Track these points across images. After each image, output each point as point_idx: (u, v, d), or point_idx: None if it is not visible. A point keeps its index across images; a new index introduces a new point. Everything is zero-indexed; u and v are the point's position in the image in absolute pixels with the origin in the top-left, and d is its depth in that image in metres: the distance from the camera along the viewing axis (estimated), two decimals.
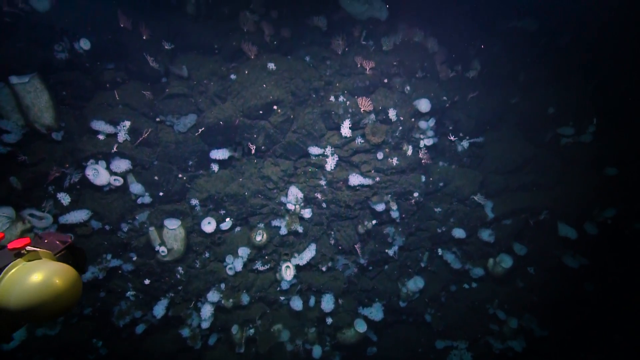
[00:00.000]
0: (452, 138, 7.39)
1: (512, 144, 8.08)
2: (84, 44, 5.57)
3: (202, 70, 6.58)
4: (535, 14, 8.81)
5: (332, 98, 6.38)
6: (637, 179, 7.64)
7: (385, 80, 6.68)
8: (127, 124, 5.67)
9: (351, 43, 7.14)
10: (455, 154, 7.49)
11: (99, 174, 5.41)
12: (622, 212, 7.52)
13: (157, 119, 6.08)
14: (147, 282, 6.34)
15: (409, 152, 6.41)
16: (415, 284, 7.57)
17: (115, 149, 5.65)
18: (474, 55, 8.96)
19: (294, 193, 6.29)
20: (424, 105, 6.24)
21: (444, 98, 6.86)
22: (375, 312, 7.28)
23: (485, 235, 7.32)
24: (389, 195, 6.45)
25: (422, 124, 6.36)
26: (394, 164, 6.33)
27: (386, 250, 7.27)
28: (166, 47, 6.47)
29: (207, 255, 6.70)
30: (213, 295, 6.47)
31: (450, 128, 7.32)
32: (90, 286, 5.92)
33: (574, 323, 8.05)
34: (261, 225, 6.71)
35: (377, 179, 6.33)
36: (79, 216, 5.45)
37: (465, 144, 7.39)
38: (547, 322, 7.98)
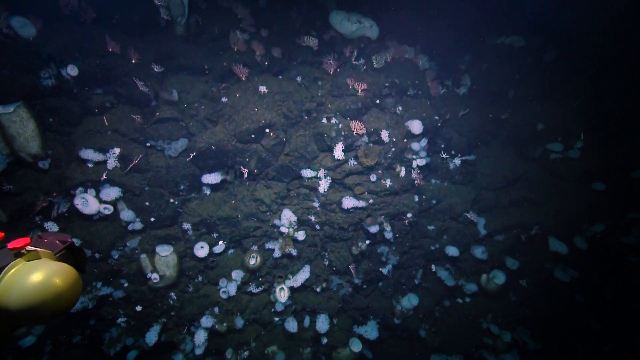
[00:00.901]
0: (444, 156, 7.45)
1: (503, 160, 8.17)
2: (72, 70, 5.47)
3: (192, 92, 6.52)
4: (521, 31, 8.98)
5: (324, 120, 6.37)
6: (623, 194, 7.80)
7: (378, 101, 6.70)
8: (117, 151, 5.57)
9: (343, 63, 7.15)
10: (448, 172, 7.54)
11: (88, 203, 5.30)
12: (610, 227, 7.66)
13: (148, 144, 6.00)
14: (138, 308, 6.22)
15: (402, 174, 6.43)
16: (409, 301, 7.59)
17: (104, 177, 5.54)
18: (464, 70, 9.07)
19: (288, 216, 6.26)
20: (416, 127, 6.27)
21: (436, 117, 6.91)
22: (370, 331, 7.26)
23: (479, 252, 7.38)
24: (383, 217, 6.45)
25: (415, 146, 6.39)
26: (387, 186, 6.34)
27: (380, 269, 7.28)
28: (156, 69, 6.39)
29: (200, 279, 6.61)
30: (207, 320, 6.38)
31: (442, 146, 7.38)
32: (79, 316, 5.78)
33: (566, 335, 8.16)
34: (254, 247, 6.65)
35: (371, 201, 6.33)
36: None
37: (457, 161, 7.45)
38: (540, 335, 8.07)
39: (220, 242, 6.57)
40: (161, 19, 6.66)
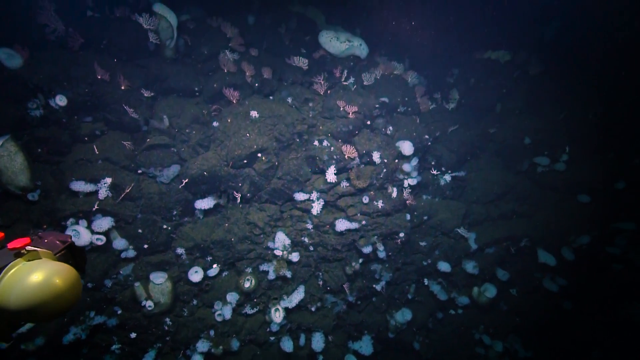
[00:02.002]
0: (434, 172, 7.57)
1: (491, 174, 8.33)
2: (60, 101, 5.41)
3: (183, 116, 6.50)
4: (507, 45, 9.16)
5: (316, 142, 6.42)
6: (607, 206, 8.04)
7: (368, 122, 6.77)
8: (108, 180, 5.53)
9: (333, 84, 7.21)
10: (438, 188, 7.66)
11: (79, 235, 5.26)
12: (595, 238, 7.88)
13: (139, 171, 5.96)
14: (133, 335, 6.18)
15: (394, 194, 6.52)
16: (403, 316, 7.68)
17: (96, 207, 5.50)
18: (452, 84, 9.22)
19: (281, 239, 6.29)
20: (407, 148, 6.37)
21: (426, 136, 7.02)
22: (365, 346, 7.34)
23: (470, 267, 7.52)
24: (376, 237, 6.53)
25: (406, 167, 6.49)
26: (379, 207, 6.42)
27: (374, 286, 7.36)
28: (146, 94, 6.35)
29: (194, 302, 6.60)
30: (202, 345, 6.37)
31: (433, 163, 7.50)
32: (73, 347, 5.72)
33: (555, 342, 8.36)
34: (249, 269, 6.66)
35: (364, 222, 6.40)
36: None
37: (447, 177, 7.58)
38: (531, 343, 8.26)
39: (215, 266, 6.57)
40: (150, 43, 6.63)
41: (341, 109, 6.59)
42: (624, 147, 8.10)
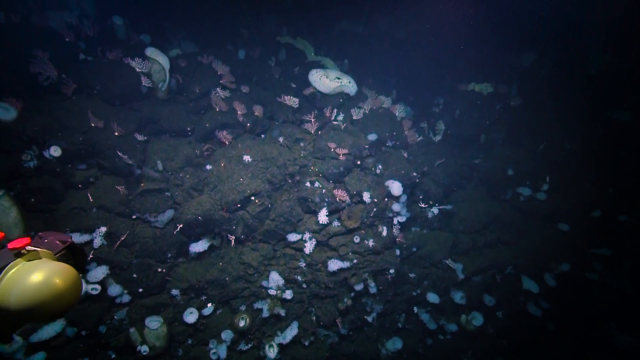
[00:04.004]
0: (422, 205, 7.83)
1: (477, 203, 8.65)
2: (54, 151, 5.46)
3: (176, 159, 6.59)
4: (489, 77, 9.57)
5: (307, 183, 6.60)
6: (585, 233, 8.45)
7: (359, 162, 7.00)
8: (103, 229, 5.59)
9: (323, 124, 7.42)
10: (426, 220, 7.92)
11: None
12: (575, 265, 8.27)
13: (134, 216, 6.02)
14: None
15: (384, 233, 6.74)
16: (393, 344, 7.88)
17: (91, 256, 5.54)
18: (438, 114, 9.55)
19: (275, 280, 6.42)
20: (396, 189, 6.60)
21: (414, 174, 7.27)
22: None
23: (457, 297, 7.78)
24: (367, 274, 6.73)
25: (395, 207, 6.72)
26: (370, 246, 6.63)
27: (365, 317, 7.54)
28: (139, 138, 6.43)
29: (189, 342, 6.65)
30: None
31: (421, 197, 7.76)
32: None
33: None
34: (243, 307, 6.76)
35: (355, 261, 6.59)
36: (52, 330, 5.29)
37: (435, 210, 7.85)
38: None
39: (209, 305, 6.65)
40: (143, 86, 6.72)
41: (332, 150, 6.79)
42: (599, 177, 8.55)
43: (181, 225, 6.00)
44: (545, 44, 9.99)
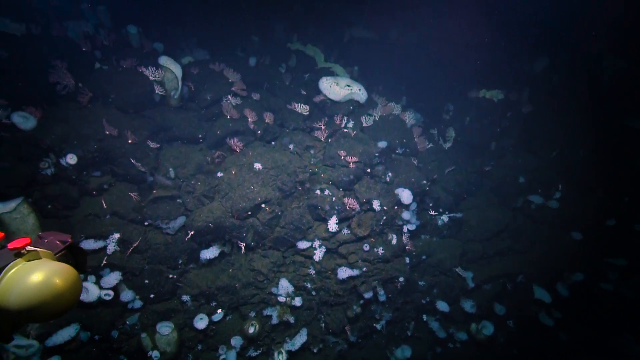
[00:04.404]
0: (432, 213, 7.79)
1: (487, 211, 8.56)
2: (71, 160, 5.58)
3: (188, 166, 6.68)
4: (500, 84, 9.50)
5: (317, 191, 6.62)
6: (599, 242, 8.29)
7: (368, 170, 7.00)
8: (116, 236, 5.69)
9: (334, 131, 7.44)
10: (436, 228, 7.87)
11: (88, 292, 5.39)
12: (589, 275, 8.12)
13: (146, 223, 6.12)
14: None
15: (394, 241, 6.72)
16: (402, 352, 7.82)
17: (105, 262, 5.64)
18: (448, 121, 9.51)
19: (285, 287, 6.45)
20: (406, 197, 6.59)
21: (424, 182, 7.25)
22: None
23: (468, 306, 7.70)
24: (376, 282, 6.72)
25: (405, 215, 6.70)
26: (380, 254, 6.62)
27: (374, 325, 7.52)
28: (151, 146, 6.54)
29: (199, 347, 6.70)
30: None
31: (431, 205, 7.72)
32: None
33: None
34: (252, 314, 6.79)
35: (364, 269, 6.59)
36: (66, 334, 5.38)
37: (445, 218, 7.80)
38: None
39: (219, 311, 6.70)
40: (156, 94, 6.84)
41: (342, 158, 6.81)
42: (614, 185, 8.40)
43: (192, 232, 6.07)
44: (557, 49, 9.88)
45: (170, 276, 6.31)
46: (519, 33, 9.57)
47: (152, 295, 6.20)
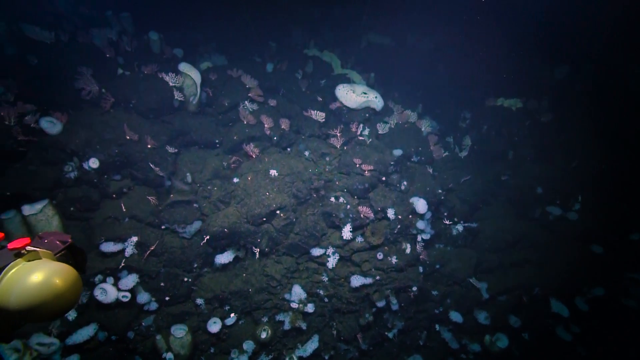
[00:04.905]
0: (447, 222, 7.70)
1: (503, 221, 8.42)
2: (93, 164, 5.75)
3: (204, 171, 6.79)
4: (519, 92, 9.34)
5: (332, 199, 6.64)
6: (621, 257, 8.04)
7: (384, 178, 6.98)
8: (135, 239, 5.82)
9: (349, 139, 7.45)
10: (451, 237, 7.78)
11: (106, 293, 5.53)
12: (610, 290, 7.88)
13: (163, 227, 6.24)
14: None
15: (408, 250, 6.68)
16: None
17: (123, 264, 5.77)
18: (465, 129, 9.39)
19: (298, 293, 6.48)
20: (421, 207, 6.54)
21: (439, 191, 7.18)
22: None
23: (482, 317, 7.58)
24: (389, 291, 6.68)
25: (420, 224, 6.65)
26: (393, 263, 6.58)
27: (386, 333, 7.47)
28: (170, 151, 6.67)
29: (212, 350, 6.79)
30: None
31: (446, 214, 7.64)
32: None
33: None
34: (265, 319, 6.84)
35: (378, 277, 6.56)
36: (86, 333, 5.53)
37: (460, 227, 7.70)
38: None
39: (232, 315, 6.77)
40: (175, 100, 6.98)
41: (357, 166, 6.81)
42: (639, 198, 8.14)
43: (208, 237, 6.16)
44: (580, 57, 9.65)
45: (185, 279, 6.41)
46: (539, 39, 9.40)
47: (167, 298, 6.31)
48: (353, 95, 7.74)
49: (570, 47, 9.47)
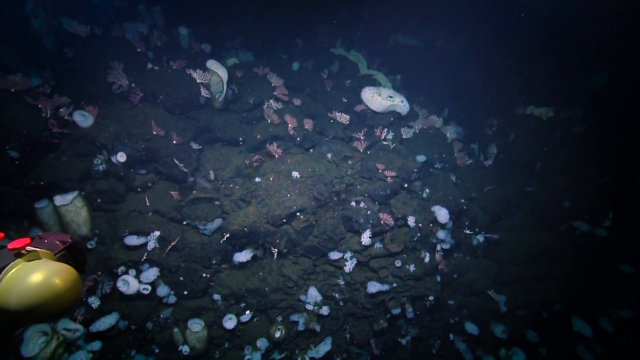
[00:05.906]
0: (468, 232, 7.54)
1: (526, 233, 8.17)
2: (121, 157, 5.87)
3: (227, 169, 6.84)
4: (550, 100, 8.98)
5: (353, 203, 6.58)
6: None
7: (406, 185, 6.86)
8: (157, 233, 5.93)
9: (373, 143, 7.35)
10: (470, 247, 7.61)
11: (129, 285, 5.67)
12: (639, 313, 7.56)
13: (184, 222, 6.34)
14: None
15: (426, 260, 6.58)
16: None
17: (145, 257, 5.90)
18: (491, 136, 9.13)
19: (314, 295, 6.49)
20: (442, 216, 6.42)
21: (462, 200, 7.02)
22: None
23: (499, 331, 7.41)
24: (405, 298, 6.61)
25: (441, 234, 6.53)
26: (411, 271, 6.50)
27: (399, 340, 7.41)
28: (194, 147, 6.75)
29: (226, 345, 6.90)
30: None
31: (467, 223, 7.47)
32: None
33: None
34: (279, 318, 6.89)
35: (394, 284, 6.49)
36: (108, 322, 5.70)
37: (480, 237, 7.53)
38: None
39: (247, 312, 6.84)
40: (201, 97, 7.03)
41: (380, 171, 6.72)
42: None
43: (228, 235, 6.22)
44: (619, 64, 9.18)
45: (204, 275, 6.51)
46: (575, 44, 8.99)
47: (185, 292, 6.43)
48: (379, 98, 7.62)
49: (610, 51, 8.99)
